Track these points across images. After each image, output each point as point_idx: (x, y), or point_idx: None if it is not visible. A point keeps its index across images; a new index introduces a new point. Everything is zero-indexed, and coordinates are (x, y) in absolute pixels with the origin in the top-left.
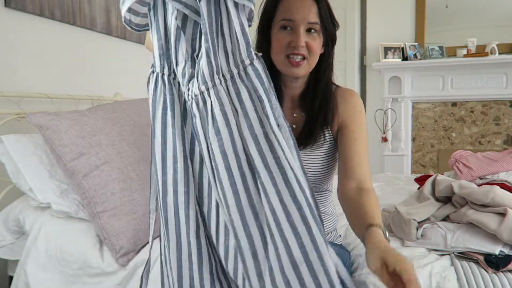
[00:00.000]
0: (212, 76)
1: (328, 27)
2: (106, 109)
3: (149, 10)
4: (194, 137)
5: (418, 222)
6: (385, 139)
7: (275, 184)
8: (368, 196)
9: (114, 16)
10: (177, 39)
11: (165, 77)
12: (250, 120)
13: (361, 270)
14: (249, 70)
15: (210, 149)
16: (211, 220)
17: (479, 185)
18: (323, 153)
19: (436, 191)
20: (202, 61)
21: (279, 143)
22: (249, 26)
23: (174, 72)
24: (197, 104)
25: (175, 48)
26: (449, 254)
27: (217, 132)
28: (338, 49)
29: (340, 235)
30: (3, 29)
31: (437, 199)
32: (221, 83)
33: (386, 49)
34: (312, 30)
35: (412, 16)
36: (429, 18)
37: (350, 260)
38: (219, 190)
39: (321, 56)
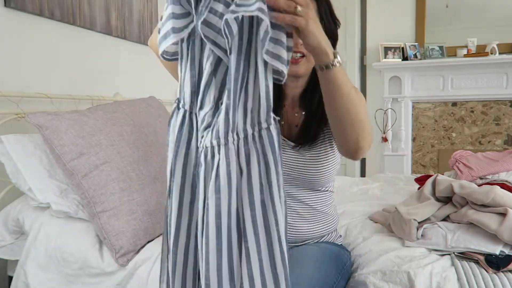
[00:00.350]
0: (226, 134)
1: (328, 25)
2: (106, 109)
3: (182, 40)
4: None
5: (419, 222)
6: (385, 139)
7: (259, 252)
8: None
9: (114, 16)
10: (207, 84)
11: (193, 116)
12: (252, 185)
13: (361, 270)
14: (264, 133)
15: (206, 203)
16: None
17: (479, 185)
18: (323, 152)
19: (437, 191)
20: (220, 117)
21: (275, 212)
22: (280, 83)
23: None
24: (205, 156)
25: (203, 92)
26: (449, 254)
27: (217, 190)
28: (338, 49)
29: (341, 235)
30: (3, 29)
31: (438, 199)
32: (233, 142)
33: (386, 49)
34: None
35: (412, 16)
36: (429, 18)
37: (350, 260)
38: (204, 244)
39: None
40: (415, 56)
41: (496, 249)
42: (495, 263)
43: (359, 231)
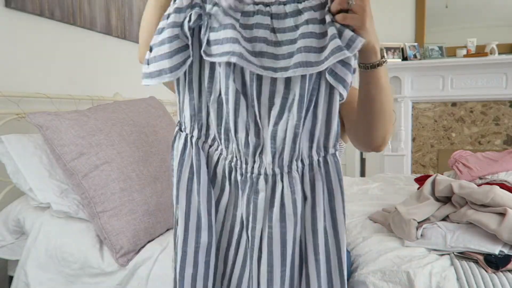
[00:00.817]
0: (290, 162)
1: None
2: (106, 109)
3: None
4: (225, 209)
5: (418, 222)
6: None
7: (319, 279)
8: None
9: (114, 16)
10: (237, 103)
11: (194, 140)
12: (316, 213)
13: (361, 270)
14: (330, 159)
15: (267, 231)
16: None
17: (479, 185)
18: None
19: (436, 191)
20: (284, 144)
21: (337, 240)
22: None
23: (205, 135)
24: (266, 182)
25: (235, 114)
26: (449, 254)
27: (283, 219)
28: None
29: None
30: (3, 29)
31: (437, 199)
32: (297, 170)
33: (386, 49)
34: None
35: (412, 16)
36: (429, 18)
37: (350, 260)
38: (267, 273)
39: None
40: (415, 56)
41: (495, 249)
42: (495, 263)
43: (359, 231)
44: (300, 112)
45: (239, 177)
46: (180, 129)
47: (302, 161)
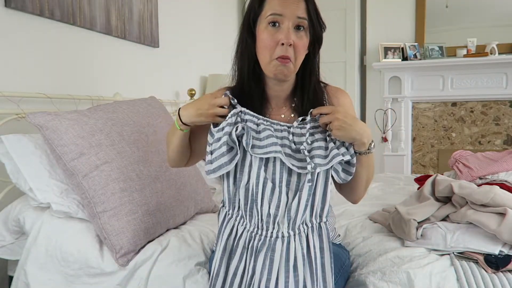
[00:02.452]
0: (299, 226)
1: (316, 25)
2: (106, 109)
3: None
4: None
5: (418, 222)
6: (385, 139)
7: None
8: None
9: (114, 16)
10: (264, 186)
11: (228, 217)
12: (324, 258)
13: (361, 270)
14: (323, 226)
15: (283, 281)
16: None
17: (479, 185)
18: None
19: (436, 191)
20: (297, 214)
21: (324, 281)
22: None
23: (236, 214)
24: (282, 243)
25: (262, 194)
26: (449, 254)
27: (295, 269)
28: (338, 49)
29: (339, 235)
30: (3, 29)
31: (437, 199)
32: (304, 231)
33: (386, 49)
34: (301, 28)
35: (412, 16)
36: (429, 18)
37: (349, 259)
38: None
39: (307, 55)
40: (415, 56)
41: (495, 249)
42: (495, 263)
43: (358, 231)
44: (309, 194)
45: (255, 243)
46: (223, 205)
47: (306, 224)
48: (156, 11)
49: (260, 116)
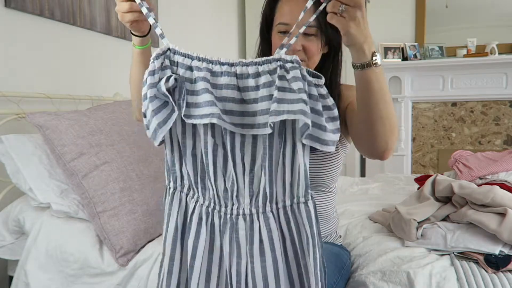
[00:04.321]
0: (264, 204)
1: (327, 30)
2: (106, 109)
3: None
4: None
5: (418, 222)
6: None
7: None
8: None
9: (114, 16)
10: (215, 155)
11: (170, 191)
12: (297, 250)
13: (361, 270)
14: (302, 207)
15: (250, 266)
16: None
17: (479, 185)
18: (326, 153)
19: (436, 191)
20: (258, 189)
21: (308, 283)
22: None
23: (180, 186)
24: (245, 221)
25: (214, 165)
26: (449, 254)
27: (262, 253)
28: None
29: (340, 236)
30: (3, 29)
31: (437, 199)
32: (271, 211)
33: (386, 49)
34: (310, 35)
35: (412, 16)
36: (429, 18)
37: (350, 260)
38: None
39: (324, 56)
40: (415, 56)
41: (495, 249)
42: (495, 263)
43: (359, 231)
44: (270, 163)
45: (216, 221)
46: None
47: (276, 204)
48: (156, 11)
49: (194, 55)
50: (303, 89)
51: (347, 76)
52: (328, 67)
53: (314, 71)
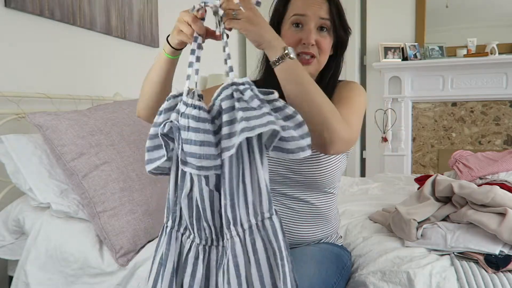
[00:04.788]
0: (228, 228)
1: (338, 27)
2: (106, 109)
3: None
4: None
5: (418, 222)
6: (385, 139)
7: None
8: None
9: (114, 16)
10: (211, 200)
11: (167, 230)
12: (261, 271)
13: (361, 270)
14: (267, 223)
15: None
16: None
17: (479, 185)
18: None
19: (436, 191)
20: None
21: None
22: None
23: (177, 225)
24: (210, 252)
25: (211, 209)
26: (449, 254)
27: (228, 282)
28: None
29: (341, 236)
30: (3, 29)
31: (437, 199)
32: (238, 234)
33: (386, 49)
34: (324, 28)
35: (412, 16)
36: (429, 18)
37: (350, 260)
38: None
39: (331, 57)
40: (415, 56)
41: (495, 249)
42: (495, 263)
43: (359, 231)
44: (231, 188)
45: (213, 257)
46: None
47: (242, 225)
48: (156, 11)
49: (189, 101)
50: (261, 105)
51: (347, 78)
52: (330, 68)
53: (264, 89)
